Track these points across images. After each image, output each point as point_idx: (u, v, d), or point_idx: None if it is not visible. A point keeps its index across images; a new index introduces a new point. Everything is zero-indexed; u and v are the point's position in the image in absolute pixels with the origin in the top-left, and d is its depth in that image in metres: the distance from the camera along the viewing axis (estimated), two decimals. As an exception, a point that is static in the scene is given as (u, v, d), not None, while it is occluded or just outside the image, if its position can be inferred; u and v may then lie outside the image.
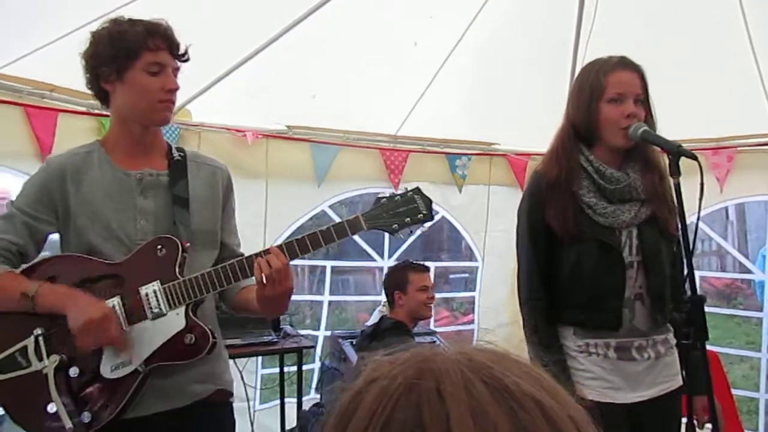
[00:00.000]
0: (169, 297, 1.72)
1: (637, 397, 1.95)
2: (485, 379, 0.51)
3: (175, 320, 1.72)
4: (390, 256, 4.72)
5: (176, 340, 1.71)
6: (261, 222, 3.92)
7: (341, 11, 3.30)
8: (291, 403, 3.89)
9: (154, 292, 1.72)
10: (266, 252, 1.71)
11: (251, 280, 1.81)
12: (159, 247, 1.74)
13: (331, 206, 4.35)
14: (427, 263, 3.69)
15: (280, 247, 1.72)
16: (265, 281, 1.68)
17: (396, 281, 3.34)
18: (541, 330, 2.00)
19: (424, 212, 1.74)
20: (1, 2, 2.59)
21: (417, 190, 1.76)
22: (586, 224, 1.96)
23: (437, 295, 5.02)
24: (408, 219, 1.73)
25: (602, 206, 1.96)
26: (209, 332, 1.73)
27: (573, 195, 1.97)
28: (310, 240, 1.72)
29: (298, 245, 1.72)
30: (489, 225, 4.73)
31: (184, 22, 1.85)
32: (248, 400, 3.81)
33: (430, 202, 1.76)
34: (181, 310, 1.72)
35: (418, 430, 0.49)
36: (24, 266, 1.79)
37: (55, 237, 1.85)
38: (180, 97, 1.88)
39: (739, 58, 3.56)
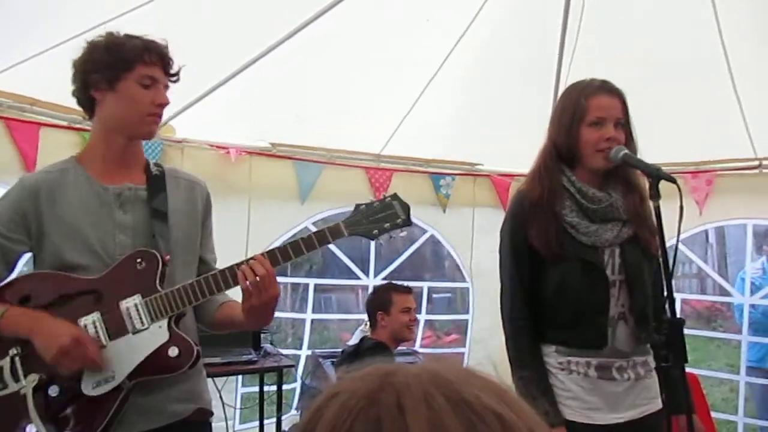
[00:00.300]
0: (151, 310, 1.70)
1: (616, 418, 1.94)
2: (446, 392, 0.51)
3: (158, 333, 1.70)
4: (376, 275, 4.70)
5: (160, 353, 1.69)
6: (243, 239, 3.90)
7: (326, 31, 3.32)
8: (271, 423, 3.84)
9: (135, 305, 1.70)
10: (249, 260, 1.71)
11: (228, 296, 1.81)
12: (139, 260, 1.72)
13: (314, 224, 4.33)
14: (417, 284, 3.68)
15: (263, 254, 1.72)
16: (251, 289, 1.67)
17: (379, 301, 3.33)
18: (524, 350, 1.99)
19: (403, 217, 1.77)
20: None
21: (395, 196, 1.79)
22: (569, 244, 1.97)
23: (426, 317, 5.05)
24: (387, 224, 1.76)
25: (585, 226, 1.98)
26: (193, 344, 1.72)
27: (555, 215, 1.98)
28: (292, 248, 1.74)
29: (280, 253, 1.73)
30: (474, 245, 4.74)
31: (169, 38, 1.85)
32: (227, 419, 3.76)
33: (408, 207, 1.78)
34: (164, 323, 1.70)
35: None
36: None
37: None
38: (164, 113, 1.88)
39: (718, 85, 3.62)
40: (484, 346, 4.77)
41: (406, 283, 3.62)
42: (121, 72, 1.74)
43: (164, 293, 1.71)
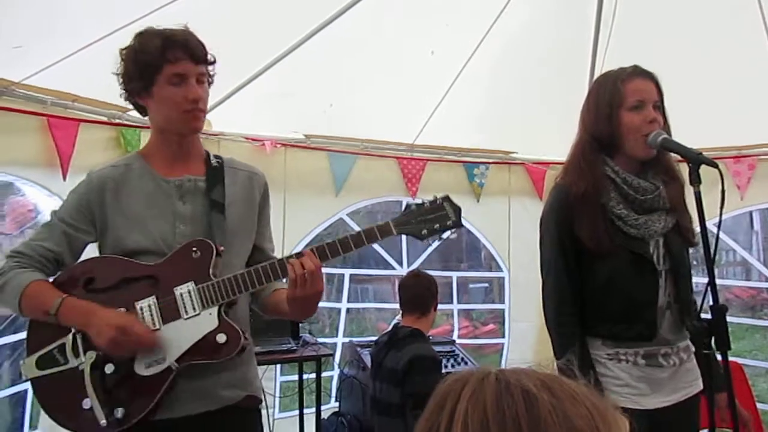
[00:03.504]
0: (203, 297, 1.76)
1: (661, 402, 1.93)
2: (498, 375, 0.70)
3: (208, 320, 1.75)
4: (409, 265, 4.73)
5: (208, 339, 1.75)
6: (279, 229, 3.94)
7: (358, 21, 3.32)
8: (311, 411, 3.89)
9: (189, 292, 1.76)
10: (299, 254, 1.75)
11: (282, 283, 1.87)
12: (194, 249, 1.78)
13: (348, 214, 4.36)
14: (447, 274, 3.65)
15: (312, 249, 1.76)
16: (297, 281, 1.71)
17: (435, 291, 3.33)
18: (573, 346, 1.95)
19: (453, 219, 1.77)
20: (25, 14, 2.63)
21: (446, 198, 1.79)
22: (618, 236, 1.94)
23: (459, 306, 5.07)
24: (437, 225, 1.77)
25: (634, 218, 1.95)
26: (241, 332, 1.77)
27: (603, 207, 1.95)
28: (341, 243, 1.76)
29: (329, 248, 1.76)
30: (511, 234, 4.72)
31: (203, 32, 1.86)
32: (267, 407, 3.82)
33: (460, 210, 1.78)
34: (214, 310, 1.76)
35: (440, 404, 0.71)
36: (64, 270, 1.85)
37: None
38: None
39: (759, 66, 3.52)
40: (523, 336, 4.76)
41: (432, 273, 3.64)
42: (151, 79, 1.78)
43: (216, 281, 1.76)
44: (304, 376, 3.96)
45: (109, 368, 1.75)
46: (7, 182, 3.24)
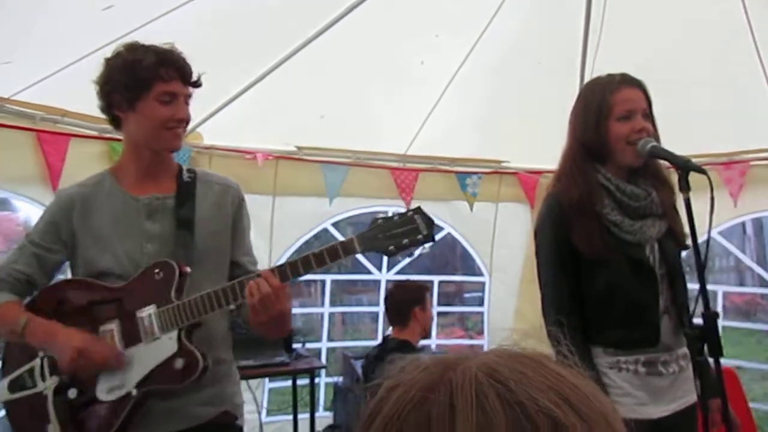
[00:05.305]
0: (163, 321, 1.72)
1: (662, 411, 1.92)
2: (500, 392, 0.50)
3: (168, 344, 1.72)
4: (389, 270, 4.78)
5: (167, 365, 1.71)
6: (267, 239, 4.02)
7: (349, 32, 3.33)
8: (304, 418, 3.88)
9: (149, 315, 1.73)
10: (258, 275, 1.68)
11: None
12: (157, 270, 1.76)
13: (333, 224, 4.41)
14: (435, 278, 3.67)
15: (273, 270, 1.68)
16: (256, 307, 1.65)
17: (416, 297, 3.31)
18: (577, 357, 1.92)
19: (424, 233, 1.66)
20: (13, 29, 2.63)
21: (418, 210, 1.68)
22: (614, 243, 1.93)
23: (451, 309, 5.06)
24: (406, 240, 1.66)
25: (629, 224, 1.94)
26: (200, 357, 1.71)
27: (598, 215, 1.94)
28: (302, 263, 1.67)
29: (290, 269, 1.68)
30: (498, 242, 4.74)
31: (193, 46, 1.86)
32: (259, 413, 3.84)
33: (432, 222, 1.68)
34: (174, 334, 1.71)
35: None
36: (36, 293, 1.84)
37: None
38: (191, 120, 1.90)
39: (748, 73, 3.54)
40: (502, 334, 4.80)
41: (415, 278, 3.65)
42: (139, 92, 1.75)
43: (176, 305, 1.72)
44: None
45: (72, 393, 1.73)
46: (1, 198, 3.23)
